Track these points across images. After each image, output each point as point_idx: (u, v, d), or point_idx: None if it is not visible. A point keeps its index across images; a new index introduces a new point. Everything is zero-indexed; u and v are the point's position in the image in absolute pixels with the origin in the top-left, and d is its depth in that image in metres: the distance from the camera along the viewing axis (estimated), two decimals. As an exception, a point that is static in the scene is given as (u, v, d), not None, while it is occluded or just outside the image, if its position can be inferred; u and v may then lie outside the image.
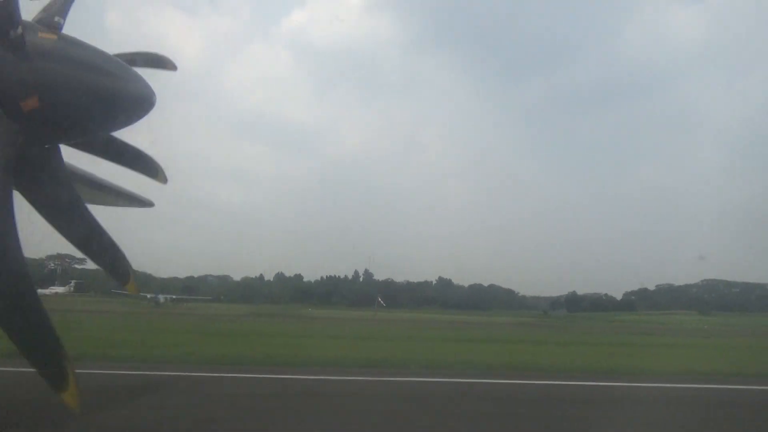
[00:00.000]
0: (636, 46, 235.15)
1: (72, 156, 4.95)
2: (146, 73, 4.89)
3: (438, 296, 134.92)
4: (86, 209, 4.63)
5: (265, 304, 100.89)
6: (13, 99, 3.88)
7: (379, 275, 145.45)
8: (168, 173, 6.01)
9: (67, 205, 4.47)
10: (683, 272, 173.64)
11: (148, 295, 75.43)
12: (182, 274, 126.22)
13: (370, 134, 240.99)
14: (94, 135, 4.91)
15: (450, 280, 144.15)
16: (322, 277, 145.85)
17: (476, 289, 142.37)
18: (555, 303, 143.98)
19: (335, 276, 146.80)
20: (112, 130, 5.05)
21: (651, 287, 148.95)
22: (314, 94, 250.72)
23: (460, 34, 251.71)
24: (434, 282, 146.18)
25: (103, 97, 4.30)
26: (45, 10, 4.58)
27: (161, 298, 79.15)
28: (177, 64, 5.64)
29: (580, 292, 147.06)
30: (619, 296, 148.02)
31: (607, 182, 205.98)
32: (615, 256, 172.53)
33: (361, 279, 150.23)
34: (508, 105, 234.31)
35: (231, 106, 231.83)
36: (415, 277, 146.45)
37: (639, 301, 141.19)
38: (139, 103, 4.66)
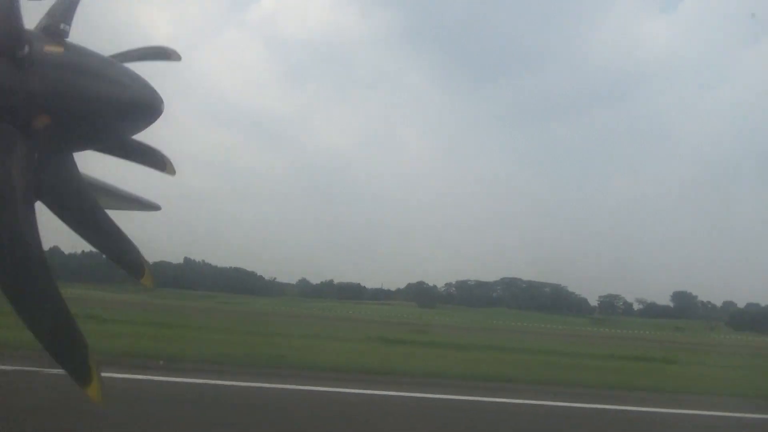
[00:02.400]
0: (604, 56, 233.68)
1: (78, 154, 4.76)
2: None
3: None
4: (101, 209, 4.60)
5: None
6: (24, 117, 3.93)
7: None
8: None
9: (84, 207, 4.49)
10: (487, 269, 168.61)
11: None
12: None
13: (341, 128, 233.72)
14: (102, 144, 4.98)
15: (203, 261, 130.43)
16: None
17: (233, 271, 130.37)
18: (308, 290, 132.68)
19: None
20: (120, 138, 5.00)
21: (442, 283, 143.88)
22: (286, 86, 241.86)
23: (427, 34, 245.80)
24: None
25: (111, 107, 4.29)
26: (49, 15, 4.43)
27: None
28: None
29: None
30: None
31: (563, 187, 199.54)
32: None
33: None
34: (479, 108, 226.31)
35: (204, 94, 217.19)
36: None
37: (412, 294, 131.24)
38: (147, 111, 4.57)
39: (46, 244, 4.25)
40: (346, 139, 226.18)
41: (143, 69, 5.07)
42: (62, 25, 4.24)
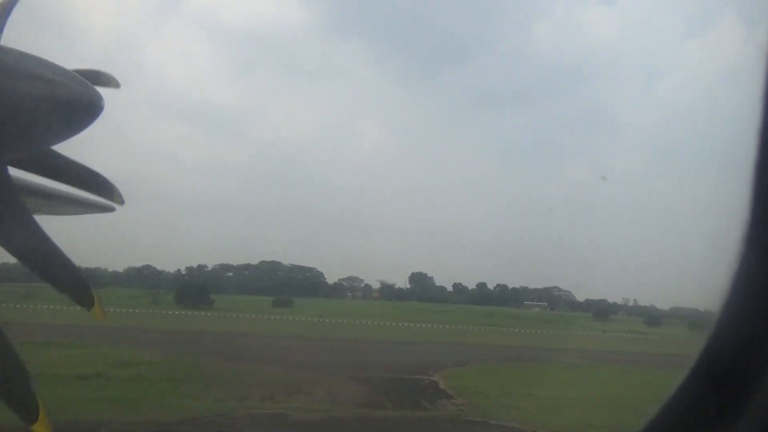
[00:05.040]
0: (547, 45, 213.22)
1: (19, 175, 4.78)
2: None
3: None
4: (40, 230, 4.26)
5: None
6: None
7: None
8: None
9: (18, 225, 4.16)
10: (246, 253, 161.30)
11: None
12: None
13: (295, 120, 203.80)
14: (43, 146, 4.78)
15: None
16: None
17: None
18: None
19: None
20: (61, 139, 4.84)
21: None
22: (233, 77, 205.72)
23: (367, 22, 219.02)
24: None
25: (48, 106, 4.16)
26: None
27: None
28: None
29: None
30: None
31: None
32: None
33: None
34: (427, 99, 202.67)
35: (150, 85, 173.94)
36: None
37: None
38: (87, 109, 4.51)
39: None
40: (300, 131, 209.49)
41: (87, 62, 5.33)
42: None
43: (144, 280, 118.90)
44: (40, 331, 30.60)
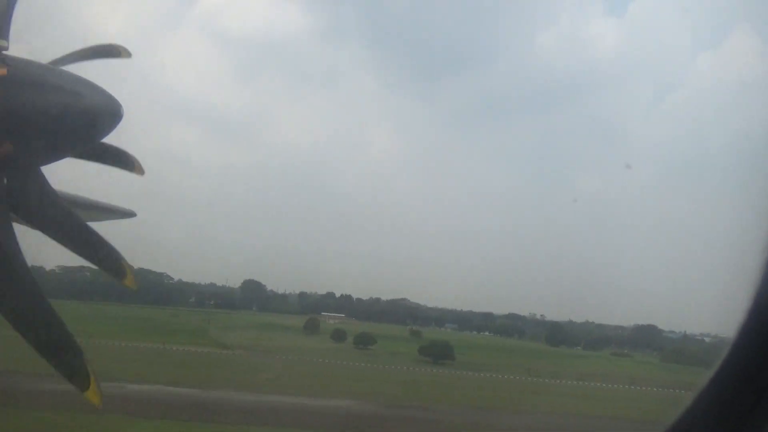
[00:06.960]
0: (553, 55, 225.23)
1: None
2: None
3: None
4: (77, 216, 4.79)
5: None
6: None
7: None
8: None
9: (60, 216, 4.68)
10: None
11: None
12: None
13: (302, 127, 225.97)
14: (68, 153, 4.98)
15: None
16: None
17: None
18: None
19: None
20: (86, 147, 5.10)
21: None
22: (240, 83, 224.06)
23: (372, 30, 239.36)
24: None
25: (72, 116, 4.36)
26: None
27: None
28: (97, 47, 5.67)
29: None
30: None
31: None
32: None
33: None
34: (431, 106, 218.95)
35: (160, 91, 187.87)
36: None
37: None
38: (107, 117, 4.71)
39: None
40: (307, 138, 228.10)
41: (101, 70, 4.76)
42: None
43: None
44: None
